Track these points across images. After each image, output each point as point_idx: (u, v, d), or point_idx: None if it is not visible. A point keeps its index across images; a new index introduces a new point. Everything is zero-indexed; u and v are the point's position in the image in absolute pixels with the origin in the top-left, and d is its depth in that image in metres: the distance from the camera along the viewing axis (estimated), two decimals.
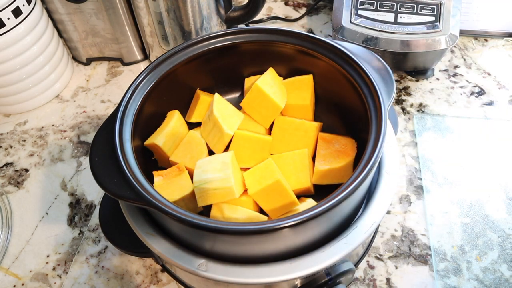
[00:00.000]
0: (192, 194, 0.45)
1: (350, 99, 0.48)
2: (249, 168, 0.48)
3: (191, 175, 0.47)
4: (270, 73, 0.53)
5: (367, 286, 0.52)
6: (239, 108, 0.54)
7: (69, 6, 0.73)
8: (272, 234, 0.35)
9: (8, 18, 0.64)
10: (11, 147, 0.70)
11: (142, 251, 0.46)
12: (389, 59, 0.72)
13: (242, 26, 0.84)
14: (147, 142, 0.50)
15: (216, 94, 0.52)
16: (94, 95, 0.78)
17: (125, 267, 0.56)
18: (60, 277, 0.55)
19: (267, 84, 0.51)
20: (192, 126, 0.54)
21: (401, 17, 0.70)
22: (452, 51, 0.81)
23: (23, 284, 0.55)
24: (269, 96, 0.50)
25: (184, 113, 0.55)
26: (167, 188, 0.46)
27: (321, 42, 0.49)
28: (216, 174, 0.45)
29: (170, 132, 0.50)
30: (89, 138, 0.71)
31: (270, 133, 0.54)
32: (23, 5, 0.66)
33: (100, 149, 0.41)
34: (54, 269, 0.56)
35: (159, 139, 0.49)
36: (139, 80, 0.47)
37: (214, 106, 0.50)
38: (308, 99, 0.52)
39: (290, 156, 0.49)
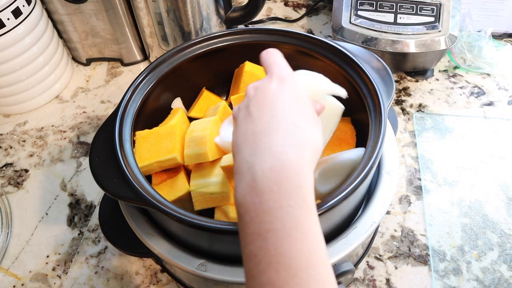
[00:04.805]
0: (189, 195, 0.45)
1: (349, 100, 0.48)
2: None
3: (188, 174, 0.47)
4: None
5: (366, 286, 0.52)
6: None
7: (69, 6, 0.73)
8: None
9: (8, 19, 0.64)
10: (11, 147, 0.71)
11: (142, 251, 0.46)
12: (389, 60, 0.72)
13: (241, 26, 0.84)
14: None
15: (223, 102, 0.52)
16: (94, 96, 0.78)
17: (125, 267, 0.56)
18: (59, 277, 0.55)
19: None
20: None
21: (400, 18, 0.70)
22: None
23: (22, 285, 0.55)
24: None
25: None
26: (164, 188, 0.46)
27: (320, 43, 0.49)
28: (213, 178, 0.45)
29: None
30: (89, 139, 0.71)
31: None
32: (23, 6, 0.66)
33: (100, 149, 0.42)
34: (53, 269, 0.56)
35: None
36: (139, 81, 0.47)
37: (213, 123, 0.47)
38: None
39: None
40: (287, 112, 0.31)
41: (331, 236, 0.41)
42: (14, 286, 0.55)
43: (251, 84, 0.35)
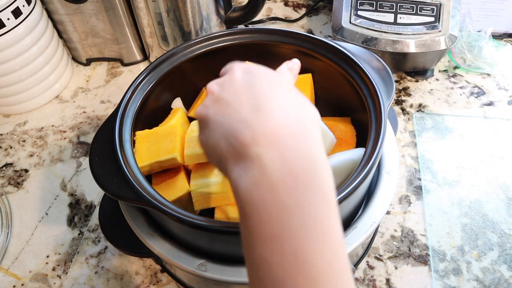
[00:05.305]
0: (189, 195, 0.45)
1: (349, 100, 0.48)
2: None
3: (188, 174, 0.47)
4: None
5: (366, 286, 0.52)
6: None
7: (69, 6, 0.73)
8: None
9: (8, 19, 0.64)
10: (11, 147, 0.71)
11: (142, 251, 0.46)
12: (389, 60, 0.72)
13: (241, 26, 0.84)
14: None
15: None
16: (94, 96, 0.78)
17: (125, 267, 0.56)
18: (59, 277, 0.55)
19: None
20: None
21: (400, 18, 0.70)
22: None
23: (22, 285, 0.55)
24: None
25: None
26: (164, 188, 0.46)
27: (320, 43, 0.49)
28: (213, 178, 0.45)
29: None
30: (89, 139, 0.71)
31: None
32: (23, 6, 0.66)
33: (100, 149, 0.42)
34: (53, 269, 0.56)
35: None
36: (139, 81, 0.47)
37: None
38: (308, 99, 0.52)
39: None
40: (270, 94, 0.28)
41: None
42: (14, 286, 0.55)
43: (211, 84, 0.31)
